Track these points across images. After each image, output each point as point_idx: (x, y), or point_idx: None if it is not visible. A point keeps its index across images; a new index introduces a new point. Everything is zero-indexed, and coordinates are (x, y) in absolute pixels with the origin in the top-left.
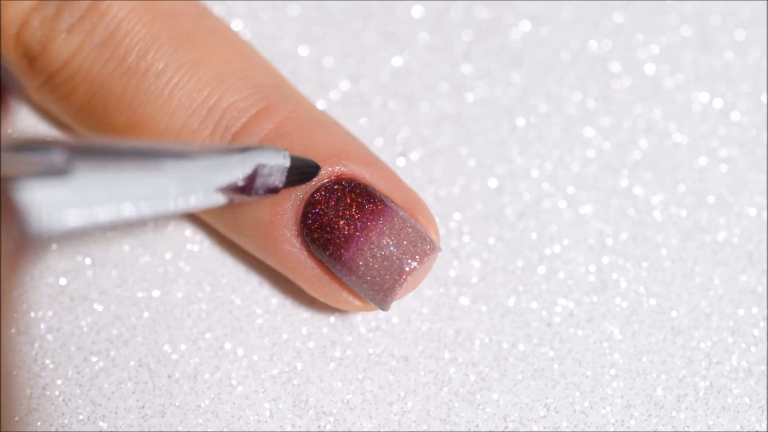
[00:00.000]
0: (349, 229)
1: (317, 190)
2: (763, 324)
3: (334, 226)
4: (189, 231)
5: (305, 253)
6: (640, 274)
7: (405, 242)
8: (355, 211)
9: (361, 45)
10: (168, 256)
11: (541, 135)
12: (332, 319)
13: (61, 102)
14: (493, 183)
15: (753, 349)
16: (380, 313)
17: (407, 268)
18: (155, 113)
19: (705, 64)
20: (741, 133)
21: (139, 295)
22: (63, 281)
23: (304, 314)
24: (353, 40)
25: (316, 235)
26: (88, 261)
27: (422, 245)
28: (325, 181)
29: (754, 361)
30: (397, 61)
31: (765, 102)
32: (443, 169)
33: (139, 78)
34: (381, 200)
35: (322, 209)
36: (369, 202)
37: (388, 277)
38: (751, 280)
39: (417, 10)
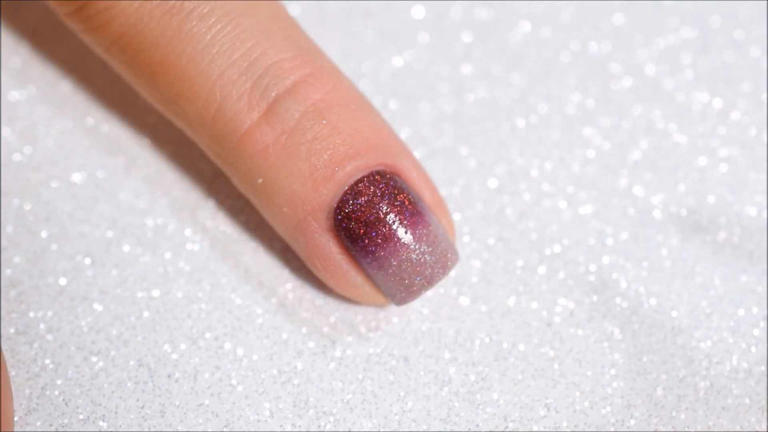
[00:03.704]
0: (389, 229)
1: (360, 180)
2: (763, 324)
3: (374, 221)
4: (189, 231)
5: (332, 235)
6: (640, 274)
7: (438, 250)
8: (398, 211)
9: (361, 45)
10: (168, 256)
11: (541, 135)
12: (332, 319)
13: (93, 33)
14: (493, 183)
15: (753, 349)
16: (380, 313)
17: (438, 277)
18: (194, 56)
19: (705, 64)
20: (741, 133)
21: (139, 295)
22: (63, 281)
23: (304, 314)
24: (353, 40)
25: (353, 225)
26: (88, 261)
27: (451, 255)
28: (370, 170)
29: (754, 361)
30: (397, 61)
31: (765, 102)
32: (443, 169)
33: (182, 18)
34: (420, 203)
35: (364, 201)
36: (410, 204)
37: (417, 280)
38: (751, 280)
39: (417, 11)
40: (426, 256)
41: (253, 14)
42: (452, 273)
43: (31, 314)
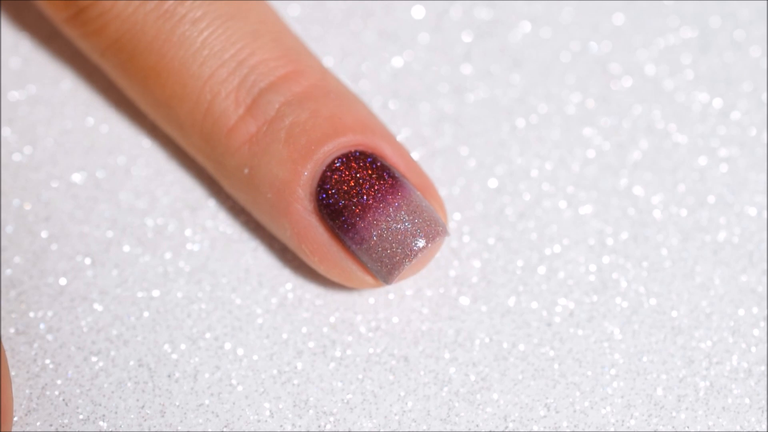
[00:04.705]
0: (367, 199)
1: (339, 157)
2: (763, 324)
3: (352, 194)
4: (189, 231)
5: (316, 217)
6: (640, 274)
7: (419, 220)
8: (375, 182)
9: (361, 45)
10: (168, 256)
11: (541, 135)
12: (332, 319)
13: (89, 38)
14: (493, 183)
15: (753, 349)
16: (380, 313)
17: (420, 245)
18: (186, 59)
19: (705, 64)
20: (741, 133)
21: (139, 295)
22: (63, 281)
23: (304, 314)
24: (353, 40)
25: (332, 201)
26: (88, 261)
27: (434, 226)
28: (348, 150)
29: (754, 361)
30: (397, 62)
31: (765, 102)
32: (443, 169)
33: (175, 23)
34: (399, 178)
35: (341, 176)
36: (389, 177)
37: (399, 250)
38: (751, 280)
39: (417, 11)
40: (407, 224)
41: (243, 18)
42: (452, 273)
43: (31, 314)
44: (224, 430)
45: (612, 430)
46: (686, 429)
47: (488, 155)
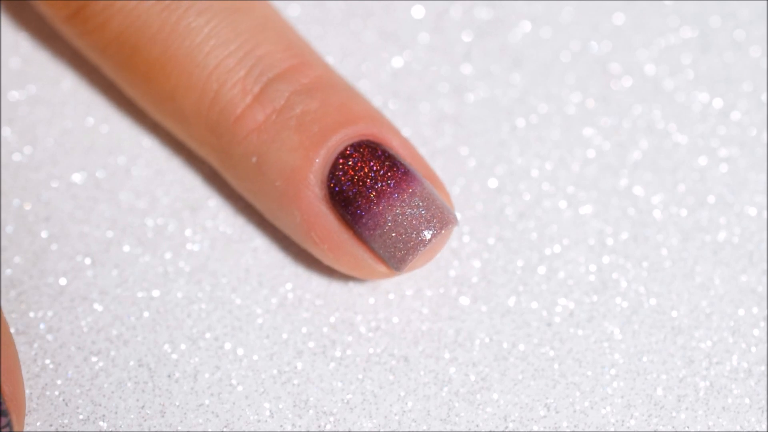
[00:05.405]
0: (382, 185)
1: (350, 146)
2: (763, 324)
3: (366, 180)
4: (189, 231)
5: (326, 204)
6: (640, 274)
7: (433, 207)
8: (388, 170)
9: (361, 45)
10: (168, 256)
11: (541, 135)
12: (332, 319)
13: (90, 35)
14: (493, 183)
15: (753, 349)
16: (380, 313)
17: (433, 231)
18: (192, 49)
19: (705, 64)
20: (741, 133)
21: (139, 295)
22: (63, 281)
23: (304, 314)
24: (353, 40)
25: (345, 188)
26: (88, 261)
27: (447, 213)
28: (360, 139)
29: (754, 361)
30: (397, 61)
31: (765, 102)
32: (443, 169)
33: (180, 14)
34: (412, 167)
35: (355, 163)
36: (401, 165)
37: (414, 235)
38: (751, 280)
39: (417, 11)
40: (421, 210)
41: (247, 11)
42: (452, 273)
43: (31, 314)
44: (224, 430)
45: (612, 430)
46: (686, 429)
47: (488, 155)
